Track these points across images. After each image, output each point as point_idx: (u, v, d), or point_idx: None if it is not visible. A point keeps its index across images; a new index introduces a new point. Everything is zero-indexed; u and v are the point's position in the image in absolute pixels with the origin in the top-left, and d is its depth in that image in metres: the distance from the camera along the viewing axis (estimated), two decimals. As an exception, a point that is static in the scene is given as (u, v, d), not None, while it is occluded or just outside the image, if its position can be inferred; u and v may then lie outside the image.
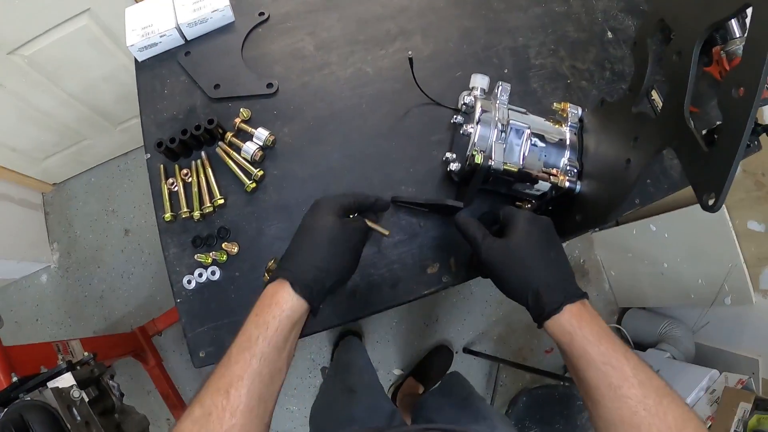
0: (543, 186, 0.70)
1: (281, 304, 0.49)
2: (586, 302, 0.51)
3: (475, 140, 0.67)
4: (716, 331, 1.73)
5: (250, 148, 0.74)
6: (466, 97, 0.72)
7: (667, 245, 1.75)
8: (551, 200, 0.73)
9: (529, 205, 0.75)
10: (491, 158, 0.65)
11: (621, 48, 0.87)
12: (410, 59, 0.77)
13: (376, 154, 0.79)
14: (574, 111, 0.71)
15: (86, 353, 0.95)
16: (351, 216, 0.60)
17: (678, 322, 1.83)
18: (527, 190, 0.72)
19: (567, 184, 0.67)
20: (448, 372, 1.88)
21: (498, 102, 0.69)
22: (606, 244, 2.07)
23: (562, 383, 1.58)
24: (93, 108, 1.54)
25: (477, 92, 0.72)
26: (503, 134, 0.67)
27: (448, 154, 0.74)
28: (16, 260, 1.65)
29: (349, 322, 0.74)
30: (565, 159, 0.69)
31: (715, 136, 0.46)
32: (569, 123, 0.71)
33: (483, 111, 0.68)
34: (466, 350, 1.93)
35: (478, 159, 0.65)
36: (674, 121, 0.54)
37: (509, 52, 0.87)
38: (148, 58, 0.86)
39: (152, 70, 0.86)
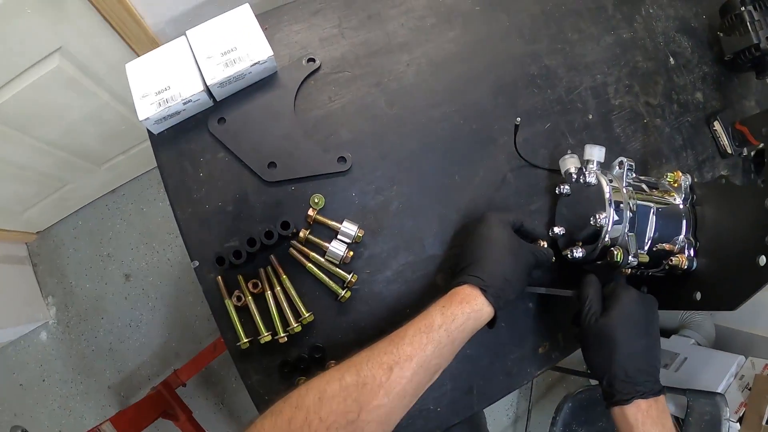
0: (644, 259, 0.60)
1: (472, 303, 0.48)
2: (659, 398, 0.50)
3: (609, 231, 0.56)
4: (733, 313, 1.73)
5: (338, 249, 0.57)
6: (579, 169, 0.61)
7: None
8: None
9: (630, 271, 0.64)
10: (628, 251, 0.56)
11: (683, 75, 0.81)
12: (516, 126, 0.60)
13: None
14: (686, 180, 0.64)
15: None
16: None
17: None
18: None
19: (686, 264, 0.59)
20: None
21: (624, 182, 0.59)
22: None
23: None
24: (74, 152, 1.27)
25: (594, 166, 0.61)
26: (633, 218, 0.57)
27: (556, 229, 0.64)
28: (12, 325, 1.41)
29: (468, 416, 0.64)
30: (681, 235, 0.61)
31: None
32: (682, 194, 0.63)
33: (613, 195, 0.56)
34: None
35: (619, 257, 0.55)
36: None
37: (590, 93, 0.75)
38: (166, 129, 0.65)
39: (176, 146, 0.64)
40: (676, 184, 0.64)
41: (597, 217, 0.56)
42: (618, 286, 0.55)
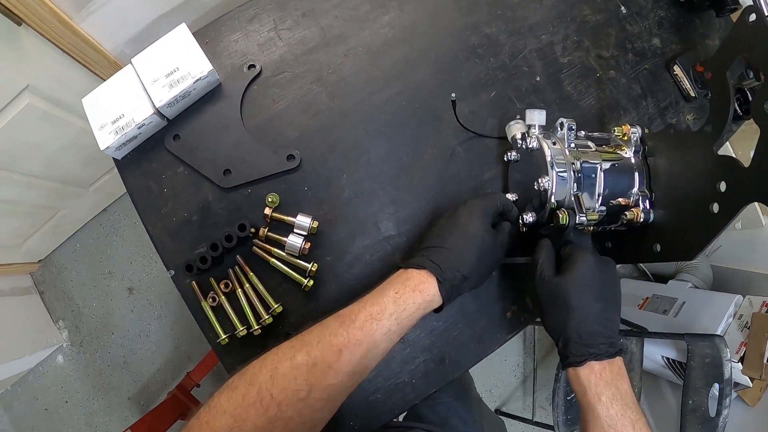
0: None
1: (424, 293, 0.50)
2: (615, 361, 0.50)
3: (554, 193, 0.58)
4: (730, 253, 1.76)
5: (295, 242, 0.62)
6: (523, 135, 0.63)
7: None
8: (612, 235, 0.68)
9: (591, 229, 0.66)
10: (575, 213, 0.57)
11: (637, 23, 0.81)
12: (453, 102, 0.64)
13: (430, 210, 0.68)
14: (635, 132, 0.64)
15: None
16: (499, 224, 0.59)
17: None
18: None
19: (642, 217, 0.61)
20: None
21: (566, 143, 0.61)
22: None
23: None
24: (60, 180, 1.35)
25: (536, 130, 0.63)
26: (579, 178, 0.59)
27: (509, 196, 0.66)
28: (28, 354, 1.51)
29: (443, 386, 0.68)
30: (635, 188, 0.63)
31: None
32: (633, 147, 0.64)
33: (554, 158, 0.58)
34: (500, 317, 1.92)
35: (564, 219, 0.57)
36: None
37: (536, 55, 0.77)
38: (128, 153, 0.70)
39: (140, 167, 0.69)
40: (625, 138, 0.65)
41: (539, 181, 0.58)
42: (574, 249, 0.56)
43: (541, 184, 0.58)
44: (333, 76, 0.71)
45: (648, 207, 0.62)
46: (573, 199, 0.58)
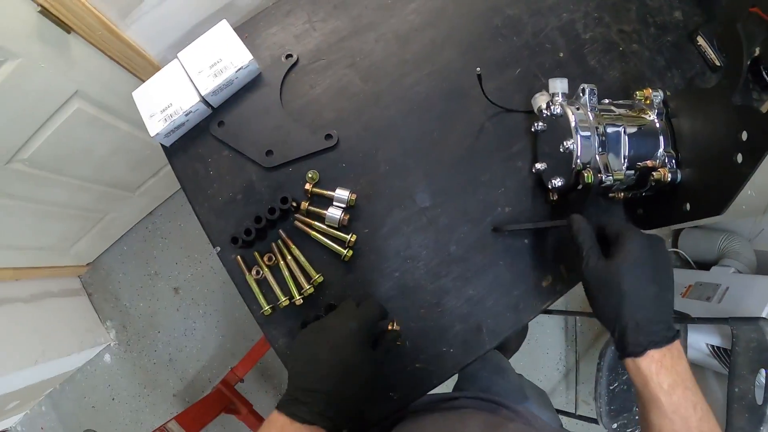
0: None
1: None
2: (673, 345, 0.49)
3: (579, 156, 0.61)
4: None
5: (334, 214, 0.67)
6: (548, 104, 0.65)
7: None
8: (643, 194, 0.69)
9: (623, 194, 0.69)
10: (600, 172, 0.60)
11: None
12: (479, 75, 0.67)
13: (463, 182, 0.71)
14: (657, 95, 0.66)
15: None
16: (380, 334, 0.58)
17: (734, 235, 1.82)
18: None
19: (669, 176, 0.62)
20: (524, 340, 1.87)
21: (589, 107, 0.63)
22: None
23: None
24: (108, 183, 1.44)
25: (560, 98, 0.65)
26: (604, 141, 0.61)
27: (538, 165, 0.70)
28: (77, 351, 1.60)
29: (480, 357, 0.70)
30: (660, 149, 0.64)
31: None
32: (655, 110, 0.66)
33: (578, 122, 0.61)
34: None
35: (589, 178, 0.59)
36: None
37: (558, 33, 0.79)
38: (176, 140, 0.77)
39: (187, 153, 0.76)
40: (647, 101, 0.66)
41: (565, 143, 0.60)
42: (622, 228, 0.54)
43: (567, 146, 0.60)
44: (365, 61, 0.75)
45: (675, 167, 0.63)
46: (599, 159, 0.60)
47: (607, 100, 0.68)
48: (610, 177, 0.60)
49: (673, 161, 0.64)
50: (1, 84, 0.96)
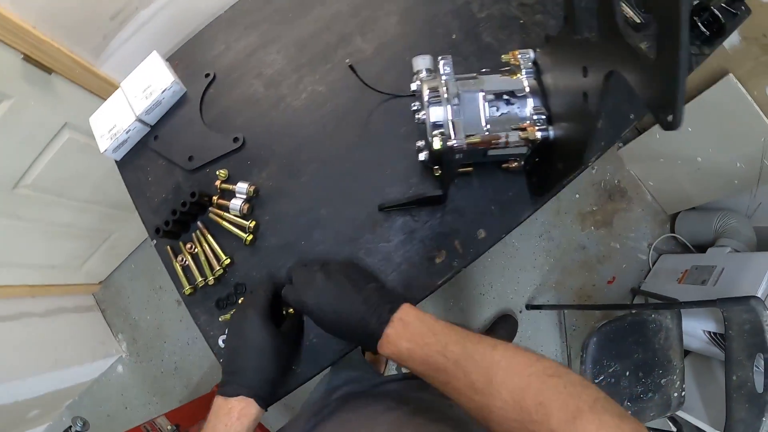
0: (517, 143, 0.66)
1: (249, 416, 0.58)
2: (396, 317, 0.53)
3: (431, 123, 0.64)
4: None
5: (236, 204, 0.77)
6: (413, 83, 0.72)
7: (695, 139, 1.67)
8: (533, 155, 0.71)
9: (516, 164, 0.74)
10: (450, 138, 0.62)
11: None
12: (350, 66, 0.77)
13: (353, 167, 0.80)
14: (525, 55, 0.68)
15: (170, 426, 1.02)
16: (282, 312, 0.70)
17: (731, 212, 1.74)
18: (505, 152, 0.70)
19: (538, 134, 0.64)
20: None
21: (443, 77, 0.65)
22: (635, 157, 2.00)
23: (630, 311, 1.53)
24: (108, 204, 1.64)
25: (423, 74, 0.70)
26: (457, 107, 0.64)
27: (418, 143, 0.74)
28: (90, 361, 1.78)
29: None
30: (529, 108, 0.66)
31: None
32: (524, 70, 0.67)
33: (431, 91, 0.65)
34: (530, 306, 1.93)
35: (437, 144, 0.62)
36: (613, 41, 0.51)
37: (451, 16, 0.85)
38: (125, 155, 0.91)
39: (132, 164, 0.90)
40: (516, 62, 0.68)
41: (417, 115, 0.66)
42: (292, 295, 0.61)
43: (419, 117, 0.66)
44: (269, 70, 0.87)
45: (544, 125, 0.64)
46: (452, 126, 0.63)
47: (485, 69, 0.70)
48: (461, 141, 0.62)
49: (543, 119, 0.65)
50: (0, 121, 1.15)
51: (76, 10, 1.11)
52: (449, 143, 0.63)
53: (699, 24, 0.85)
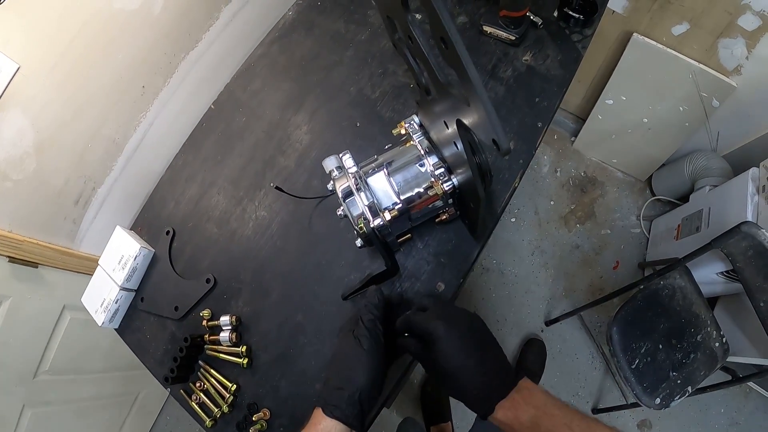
0: (431, 199, 0.80)
1: None
2: (518, 387, 0.58)
3: (352, 216, 0.78)
4: (731, 134, 1.77)
5: (225, 336, 0.95)
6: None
7: (633, 105, 1.84)
8: (457, 201, 0.84)
9: (445, 216, 0.89)
10: (371, 221, 0.76)
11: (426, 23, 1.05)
12: (277, 187, 0.97)
13: (312, 271, 0.98)
14: (410, 123, 0.82)
15: None
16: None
17: (697, 152, 1.87)
18: (427, 211, 0.84)
19: (444, 186, 0.76)
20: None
21: (348, 170, 0.79)
22: (589, 144, 2.18)
23: (639, 288, 1.61)
24: (124, 368, 1.82)
25: (335, 173, 0.81)
26: (368, 192, 0.77)
27: (351, 233, 0.92)
28: None
29: None
30: (429, 167, 0.78)
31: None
32: (414, 135, 0.81)
33: (341, 189, 0.78)
34: (548, 323, 2.03)
35: (362, 228, 0.76)
36: (446, 95, 0.65)
37: (351, 106, 1.07)
38: (121, 322, 1.10)
39: (130, 328, 1.09)
40: (405, 132, 0.82)
41: (337, 212, 0.80)
42: (419, 321, 0.64)
43: (339, 213, 0.81)
44: (216, 212, 1.08)
45: (447, 176, 0.76)
46: (367, 210, 0.76)
47: (388, 146, 0.85)
48: (379, 220, 0.75)
49: (443, 171, 0.76)
50: (5, 321, 1.35)
51: (43, 205, 1.33)
52: (372, 225, 0.78)
53: (571, 13, 1.03)
